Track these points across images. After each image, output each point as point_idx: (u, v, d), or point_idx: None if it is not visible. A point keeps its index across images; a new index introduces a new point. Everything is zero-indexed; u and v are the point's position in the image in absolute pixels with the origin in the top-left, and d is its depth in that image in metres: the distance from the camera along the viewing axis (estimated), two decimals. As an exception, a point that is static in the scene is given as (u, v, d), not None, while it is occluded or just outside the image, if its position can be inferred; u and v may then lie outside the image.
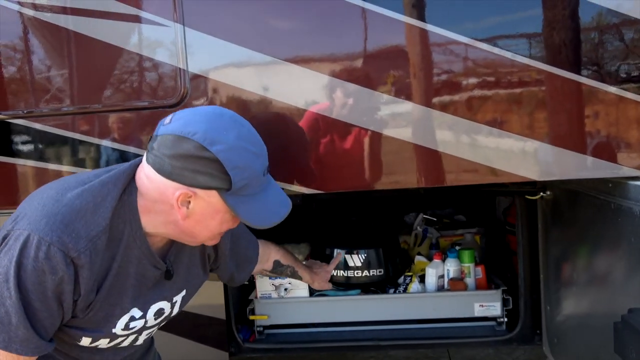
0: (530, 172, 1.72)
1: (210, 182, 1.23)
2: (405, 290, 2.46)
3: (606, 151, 1.68)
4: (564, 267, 2.07)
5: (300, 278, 2.01)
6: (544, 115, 1.71)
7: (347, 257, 2.49)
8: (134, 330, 1.42)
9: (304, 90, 1.77)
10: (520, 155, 1.72)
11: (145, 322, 1.43)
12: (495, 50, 1.69)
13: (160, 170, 1.24)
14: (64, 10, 1.83)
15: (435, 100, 1.72)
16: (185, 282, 1.51)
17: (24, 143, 1.92)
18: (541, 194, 2.15)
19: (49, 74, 1.90)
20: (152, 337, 1.68)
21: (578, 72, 1.67)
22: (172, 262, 1.43)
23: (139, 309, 1.39)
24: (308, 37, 1.80)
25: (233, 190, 1.24)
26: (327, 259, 2.53)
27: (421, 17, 1.70)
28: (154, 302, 1.42)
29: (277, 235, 2.63)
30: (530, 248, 2.31)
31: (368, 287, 2.50)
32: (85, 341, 1.37)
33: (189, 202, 1.26)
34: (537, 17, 1.68)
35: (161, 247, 1.41)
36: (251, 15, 1.79)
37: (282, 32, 1.81)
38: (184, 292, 1.51)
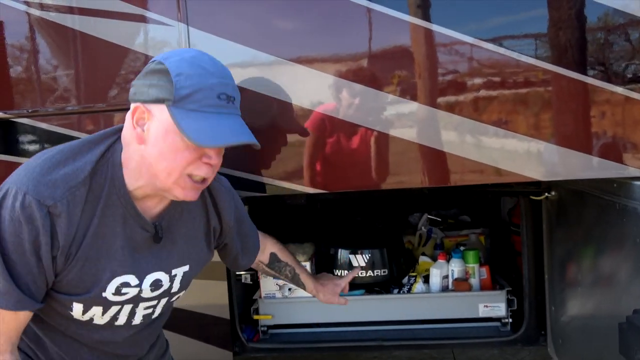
0: (535, 172, 1.71)
1: (159, 93, 1.25)
2: (409, 291, 2.46)
3: (611, 151, 1.67)
4: (569, 267, 2.06)
5: (303, 285, 1.93)
6: (549, 115, 1.70)
7: (352, 257, 2.49)
8: (127, 297, 1.39)
9: (308, 90, 1.77)
10: (525, 156, 1.71)
11: (140, 291, 1.40)
12: (501, 50, 1.68)
13: (129, 100, 1.30)
14: (69, 10, 1.84)
15: (440, 100, 1.72)
16: (187, 256, 1.48)
17: (29, 142, 1.93)
18: (546, 194, 2.14)
19: (54, 74, 1.91)
20: (158, 335, 1.68)
21: (584, 72, 1.66)
22: (165, 229, 1.41)
23: (136, 276, 1.37)
24: (312, 37, 1.80)
25: (177, 99, 1.23)
26: (331, 259, 2.54)
27: (426, 17, 1.70)
28: (150, 272, 1.40)
29: (281, 234, 2.65)
30: (535, 248, 2.30)
31: (372, 287, 2.50)
32: (77, 310, 1.35)
33: (144, 122, 1.27)
34: (543, 17, 1.68)
35: (155, 214, 1.40)
36: (255, 15, 1.79)
37: (286, 32, 1.81)
38: (186, 268, 1.48)
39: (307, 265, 2.43)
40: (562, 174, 1.73)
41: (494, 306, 2.36)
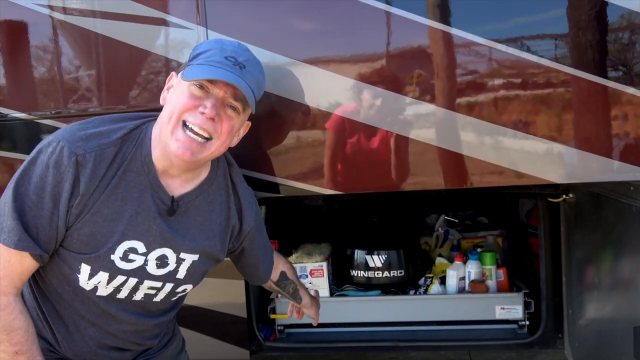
0: (553, 174, 1.71)
1: (185, 61, 1.43)
2: (425, 292, 2.46)
3: (629, 154, 1.65)
4: (587, 270, 2.05)
5: (300, 299, 1.97)
6: (567, 118, 1.69)
7: (368, 257, 2.50)
8: (133, 266, 1.43)
9: (326, 92, 1.78)
10: (543, 158, 1.70)
11: (146, 262, 1.44)
12: (519, 52, 1.68)
13: None
14: (91, 14, 1.87)
15: (459, 102, 1.72)
16: (198, 245, 1.51)
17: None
18: (564, 196, 2.13)
19: (76, 76, 1.95)
20: (174, 332, 1.70)
21: (603, 75, 1.65)
22: (182, 210, 1.47)
23: (144, 245, 1.43)
24: (330, 38, 1.80)
25: (190, 58, 1.41)
26: (348, 259, 2.55)
27: (444, 20, 1.70)
28: (159, 245, 1.44)
29: (298, 234, 2.67)
30: (552, 251, 2.29)
31: (388, 288, 2.50)
32: (84, 272, 1.39)
33: (170, 86, 1.44)
34: (562, 18, 1.67)
35: (176, 194, 1.46)
36: (273, 17, 1.81)
37: (304, 34, 1.83)
38: (196, 257, 1.51)
39: (324, 265, 2.44)
40: (579, 177, 1.72)
41: (511, 308, 2.35)
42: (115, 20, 1.84)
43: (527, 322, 2.36)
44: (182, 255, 1.49)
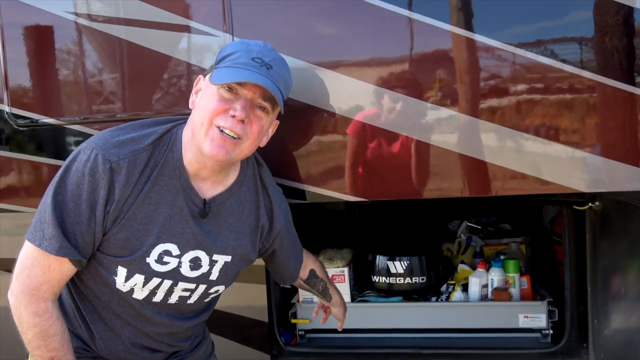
0: (579, 183, 1.69)
1: (210, 69, 1.45)
2: (447, 299, 2.44)
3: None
4: (613, 280, 2.02)
5: (330, 297, 2.00)
6: (594, 125, 1.67)
7: (390, 263, 2.49)
8: (168, 269, 1.46)
9: (350, 98, 1.79)
10: (568, 166, 1.69)
11: (180, 264, 1.47)
12: (544, 58, 1.66)
13: None
14: (118, 21, 1.90)
15: (482, 108, 1.71)
16: (230, 246, 1.53)
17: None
18: (590, 204, 2.10)
19: (104, 82, 1.98)
20: (204, 335, 1.71)
21: (630, 82, 1.63)
22: (213, 212, 1.50)
23: (178, 247, 1.46)
24: (357, 44, 1.80)
25: (217, 61, 1.43)
26: (370, 264, 2.54)
27: (467, 26, 1.69)
28: (192, 248, 1.48)
29: (319, 239, 2.66)
30: (577, 259, 2.26)
31: (410, 295, 2.49)
32: (121, 275, 1.43)
33: (199, 89, 1.46)
34: (588, 23, 1.66)
35: (208, 196, 1.49)
36: (299, 24, 1.82)
37: (330, 40, 1.83)
38: (228, 258, 1.54)
39: (346, 270, 2.44)
40: (606, 185, 1.70)
41: (534, 317, 2.32)
42: (144, 27, 1.87)
43: (551, 331, 2.32)
44: (215, 257, 1.52)
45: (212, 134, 1.39)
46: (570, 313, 2.27)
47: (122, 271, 1.43)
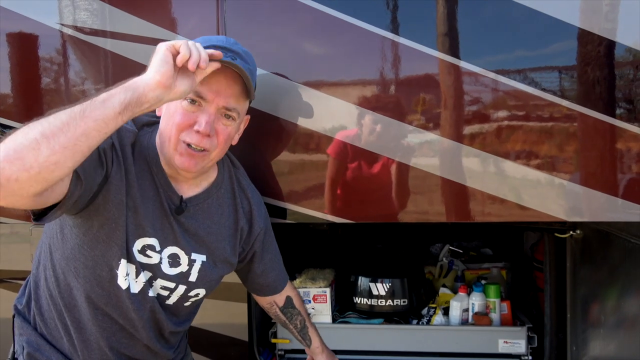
0: (560, 212, 1.71)
1: None
2: (428, 322, 2.44)
3: (638, 194, 1.66)
4: (592, 307, 2.04)
5: (309, 340, 1.96)
6: (575, 155, 1.70)
7: (372, 285, 2.49)
8: (149, 261, 1.46)
9: (337, 118, 1.80)
10: (550, 195, 1.71)
11: (160, 260, 1.47)
12: (525, 87, 1.69)
13: None
14: (104, 34, 1.90)
15: (465, 134, 1.73)
16: (206, 247, 1.54)
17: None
18: (571, 232, 2.13)
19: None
20: (186, 352, 1.69)
21: (611, 113, 1.66)
22: (190, 213, 1.50)
23: (159, 242, 1.46)
24: (345, 65, 1.82)
25: None
26: (352, 286, 2.54)
27: (450, 51, 1.72)
28: (170, 244, 1.48)
29: (303, 259, 2.66)
30: (557, 286, 2.28)
31: (391, 317, 2.49)
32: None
33: None
34: (570, 54, 1.69)
35: (187, 195, 1.50)
36: (288, 43, 1.83)
37: (318, 59, 1.85)
38: (204, 257, 1.53)
39: (328, 290, 2.43)
40: (587, 215, 1.73)
41: (514, 342, 2.33)
42: (129, 41, 1.87)
43: (530, 357, 2.33)
44: (193, 256, 1.51)
45: (180, 149, 1.40)
46: (549, 339, 2.28)
47: (123, 263, 1.43)
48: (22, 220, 2.08)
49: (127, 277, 1.44)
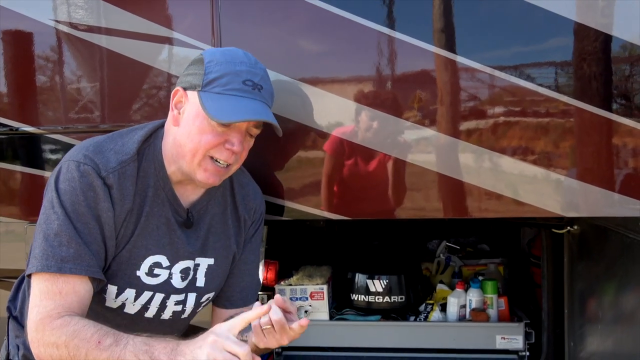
0: (557, 207, 1.71)
1: (193, 79, 1.37)
2: (426, 319, 2.44)
3: (635, 189, 1.65)
4: (590, 303, 2.04)
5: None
6: (572, 151, 1.70)
7: (369, 281, 2.48)
8: (159, 281, 1.43)
9: (330, 115, 1.79)
10: (546, 191, 1.70)
11: (171, 275, 1.44)
12: (523, 83, 1.69)
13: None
14: (99, 30, 1.88)
15: (462, 130, 1.73)
16: (210, 248, 1.52)
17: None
18: (568, 228, 2.13)
19: (88, 92, 1.95)
20: None
21: (607, 108, 1.66)
22: (196, 218, 1.49)
23: (167, 259, 1.44)
24: (339, 61, 1.81)
25: (205, 83, 1.35)
26: (349, 283, 2.53)
27: (447, 47, 1.71)
28: (182, 259, 1.47)
29: (299, 256, 2.65)
30: (554, 282, 2.28)
31: (388, 314, 2.48)
32: (111, 291, 1.39)
33: (182, 106, 1.40)
34: (567, 49, 1.68)
35: (191, 201, 1.49)
36: (285, 39, 1.82)
37: (314, 56, 1.84)
38: (210, 260, 1.52)
39: (325, 287, 2.42)
40: (584, 211, 1.72)
41: (511, 338, 2.33)
42: (128, 38, 1.85)
43: (528, 353, 2.33)
44: (197, 260, 1.51)
45: (206, 165, 1.40)
46: (547, 335, 2.28)
47: (112, 288, 1.40)
48: (17, 219, 2.06)
49: (134, 302, 1.44)
